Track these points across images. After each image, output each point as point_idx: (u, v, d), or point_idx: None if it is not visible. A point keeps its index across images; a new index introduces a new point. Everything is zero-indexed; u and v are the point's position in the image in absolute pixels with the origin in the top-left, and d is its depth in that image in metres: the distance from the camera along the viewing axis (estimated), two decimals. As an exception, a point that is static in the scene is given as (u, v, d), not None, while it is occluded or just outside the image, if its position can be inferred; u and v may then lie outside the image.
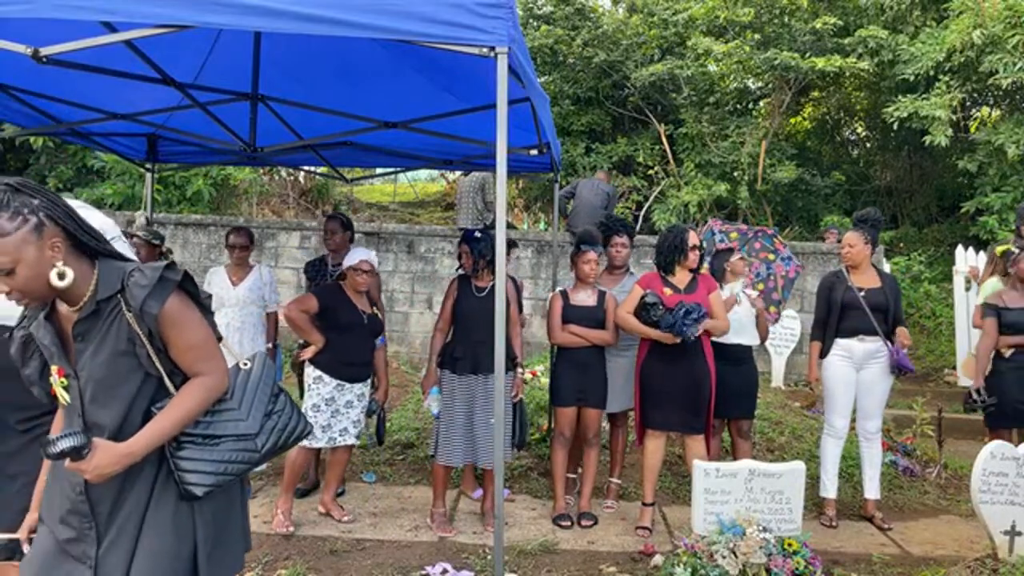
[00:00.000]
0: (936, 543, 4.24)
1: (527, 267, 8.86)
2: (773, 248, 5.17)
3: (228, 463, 1.80)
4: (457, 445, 4.03)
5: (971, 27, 9.05)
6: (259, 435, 1.85)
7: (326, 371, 4.01)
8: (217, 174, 10.35)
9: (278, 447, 1.90)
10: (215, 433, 1.80)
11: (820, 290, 4.56)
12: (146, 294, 1.69)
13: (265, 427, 1.86)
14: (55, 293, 1.68)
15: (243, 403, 1.85)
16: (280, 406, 1.92)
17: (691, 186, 10.89)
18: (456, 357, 4.06)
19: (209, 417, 1.80)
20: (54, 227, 1.64)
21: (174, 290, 1.74)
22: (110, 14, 2.46)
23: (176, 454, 1.76)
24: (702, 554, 3.30)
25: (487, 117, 3.81)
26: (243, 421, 1.83)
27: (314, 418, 3.98)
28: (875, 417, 4.45)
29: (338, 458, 4.23)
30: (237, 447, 1.81)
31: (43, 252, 1.61)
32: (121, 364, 1.72)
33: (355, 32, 2.52)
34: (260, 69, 4.04)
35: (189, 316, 1.78)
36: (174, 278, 1.74)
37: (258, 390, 1.88)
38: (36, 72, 3.49)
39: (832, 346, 4.41)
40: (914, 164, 12.72)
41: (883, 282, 4.46)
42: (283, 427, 1.90)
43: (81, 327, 1.71)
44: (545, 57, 12.08)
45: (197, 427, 1.78)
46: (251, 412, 1.85)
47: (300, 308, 3.95)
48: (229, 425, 1.81)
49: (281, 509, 4.03)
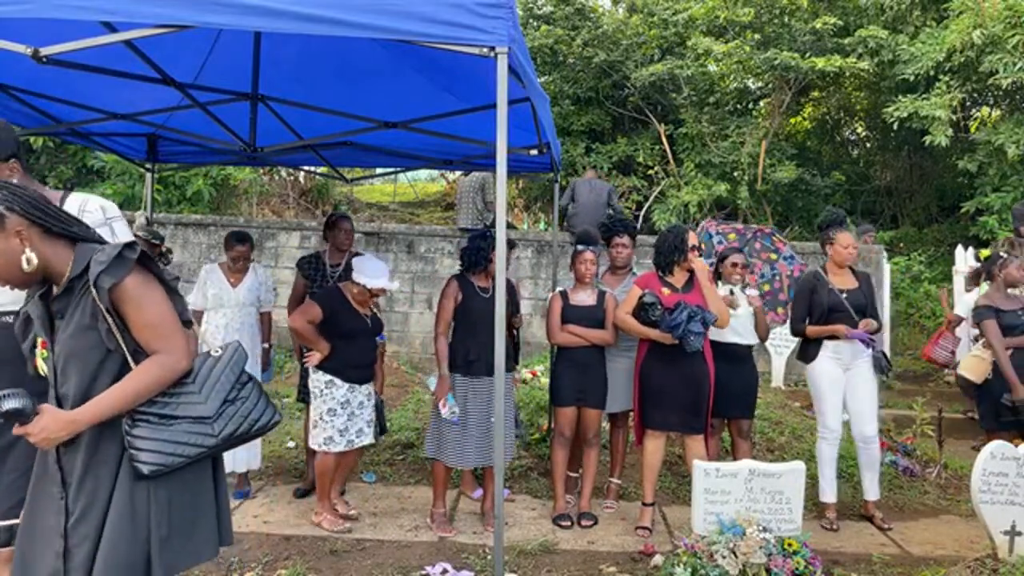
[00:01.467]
0: (936, 543, 4.24)
1: (527, 267, 8.86)
2: (774, 248, 5.16)
3: (182, 444, 1.81)
4: (471, 448, 4.02)
5: (971, 27, 9.05)
6: (217, 420, 1.85)
7: (337, 375, 4.01)
8: (217, 174, 10.35)
9: (239, 434, 1.90)
10: (171, 413, 1.81)
11: (801, 291, 4.48)
12: (101, 270, 1.75)
13: (225, 412, 1.87)
14: (30, 277, 1.79)
15: (204, 387, 1.86)
16: (245, 394, 1.92)
17: (691, 186, 10.90)
18: (471, 360, 4.02)
19: (167, 398, 1.82)
20: (17, 218, 1.75)
21: (132, 268, 1.80)
22: (110, 14, 2.46)
23: (131, 431, 1.79)
24: (702, 554, 3.30)
25: (487, 117, 3.81)
26: (201, 404, 1.84)
27: (331, 422, 3.99)
28: (871, 421, 4.42)
29: (347, 460, 4.26)
30: (192, 429, 1.82)
31: (9, 241, 1.74)
32: (85, 339, 1.80)
33: (355, 32, 2.52)
34: (260, 69, 4.04)
35: (147, 294, 1.82)
36: (131, 256, 1.81)
37: (222, 376, 1.89)
38: (36, 72, 3.49)
39: (820, 349, 4.40)
40: (914, 164, 12.73)
41: (859, 282, 4.45)
42: (245, 414, 1.90)
43: (58, 304, 1.84)
44: (545, 57, 12.08)
45: (154, 406, 1.80)
46: (210, 396, 1.85)
47: (306, 319, 3.92)
48: (187, 407, 1.83)
49: (327, 512, 4.09)
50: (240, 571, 3.53)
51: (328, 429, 3.98)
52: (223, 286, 4.55)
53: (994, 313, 4.51)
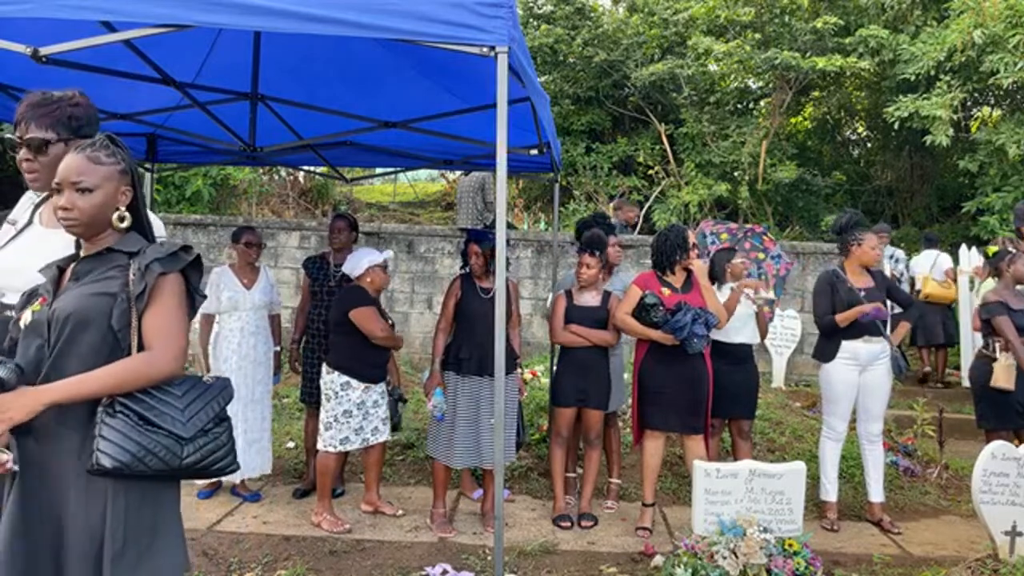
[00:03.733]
0: (937, 543, 4.24)
1: (527, 267, 8.85)
2: (763, 247, 5.16)
3: (150, 453, 1.74)
4: (458, 447, 4.03)
5: (972, 27, 9.03)
6: (188, 443, 1.81)
7: (355, 376, 4.03)
8: (217, 174, 10.34)
9: (197, 467, 1.84)
10: (152, 419, 1.76)
11: (820, 288, 4.45)
12: (157, 256, 1.83)
13: (197, 441, 1.83)
14: (102, 231, 1.86)
15: (188, 408, 1.83)
16: (219, 431, 1.88)
17: (691, 186, 10.89)
18: (462, 358, 4.04)
19: (153, 401, 1.78)
20: (129, 181, 1.89)
21: (179, 269, 1.85)
22: (110, 14, 2.46)
23: (105, 420, 1.73)
24: (703, 555, 3.30)
25: (487, 117, 3.81)
26: (181, 423, 1.80)
27: (347, 423, 4.02)
28: (878, 420, 4.43)
29: (373, 459, 4.29)
30: (164, 443, 1.77)
31: (117, 192, 1.86)
32: (97, 305, 1.78)
33: (355, 32, 2.51)
34: (260, 69, 4.04)
35: (174, 298, 1.84)
36: (186, 257, 1.88)
37: (206, 405, 1.86)
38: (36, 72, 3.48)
39: (838, 350, 4.38)
40: (915, 164, 12.71)
41: (876, 281, 4.43)
42: (212, 451, 1.86)
43: (85, 265, 1.86)
44: (545, 57, 12.07)
45: (139, 405, 1.76)
46: (191, 419, 1.82)
47: (381, 325, 4.02)
48: (169, 420, 1.79)
49: (326, 512, 4.09)
50: (240, 571, 3.52)
51: (344, 430, 4.01)
52: (237, 288, 4.43)
53: (1006, 309, 4.47)
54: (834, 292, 4.37)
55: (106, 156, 1.85)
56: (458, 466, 4.12)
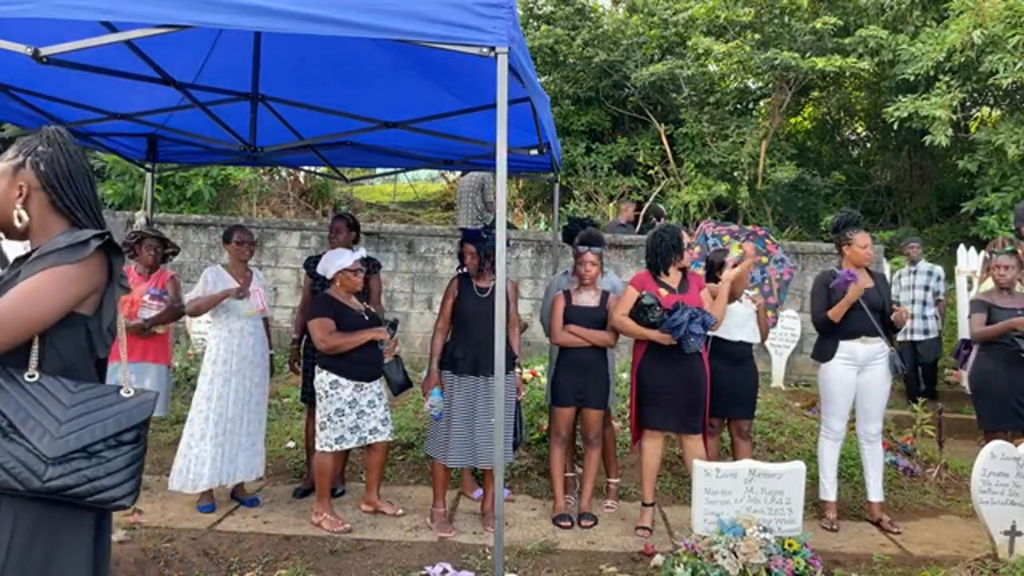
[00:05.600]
0: (936, 543, 4.24)
1: (527, 267, 8.85)
2: (765, 251, 5.14)
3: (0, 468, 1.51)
4: (455, 447, 4.03)
5: (971, 27, 9.05)
6: (54, 465, 1.52)
7: (342, 374, 4.02)
8: (217, 174, 10.34)
9: (69, 493, 1.54)
10: (17, 427, 1.52)
11: (817, 287, 4.46)
12: (50, 250, 1.61)
13: (71, 463, 1.54)
14: (18, 232, 1.71)
15: (68, 424, 1.55)
16: (111, 456, 1.58)
17: (691, 186, 10.90)
18: (456, 358, 4.06)
19: (31, 408, 1.54)
20: (31, 174, 1.68)
21: (80, 260, 1.60)
22: (110, 14, 2.47)
23: None
24: (702, 554, 3.30)
25: (487, 117, 3.82)
26: (48, 438, 1.53)
27: (341, 422, 4.01)
28: (877, 419, 4.43)
29: (375, 460, 4.28)
30: (22, 458, 1.51)
31: (10, 191, 1.68)
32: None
33: (355, 32, 2.52)
34: (260, 69, 4.04)
35: (51, 287, 1.56)
36: (96, 243, 1.64)
37: (99, 423, 1.57)
38: (36, 72, 3.50)
39: (836, 350, 4.39)
40: (914, 164, 12.72)
41: (875, 281, 4.44)
42: (91, 477, 1.56)
43: (12, 269, 1.68)
44: (545, 57, 12.08)
45: (9, 407, 1.53)
46: (66, 437, 1.54)
47: (328, 332, 3.98)
48: (37, 431, 1.53)
49: (326, 512, 4.08)
50: (240, 571, 3.52)
51: (339, 429, 4.00)
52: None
53: (986, 308, 4.50)
54: (830, 292, 4.38)
55: (11, 151, 1.71)
56: (454, 465, 4.12)
